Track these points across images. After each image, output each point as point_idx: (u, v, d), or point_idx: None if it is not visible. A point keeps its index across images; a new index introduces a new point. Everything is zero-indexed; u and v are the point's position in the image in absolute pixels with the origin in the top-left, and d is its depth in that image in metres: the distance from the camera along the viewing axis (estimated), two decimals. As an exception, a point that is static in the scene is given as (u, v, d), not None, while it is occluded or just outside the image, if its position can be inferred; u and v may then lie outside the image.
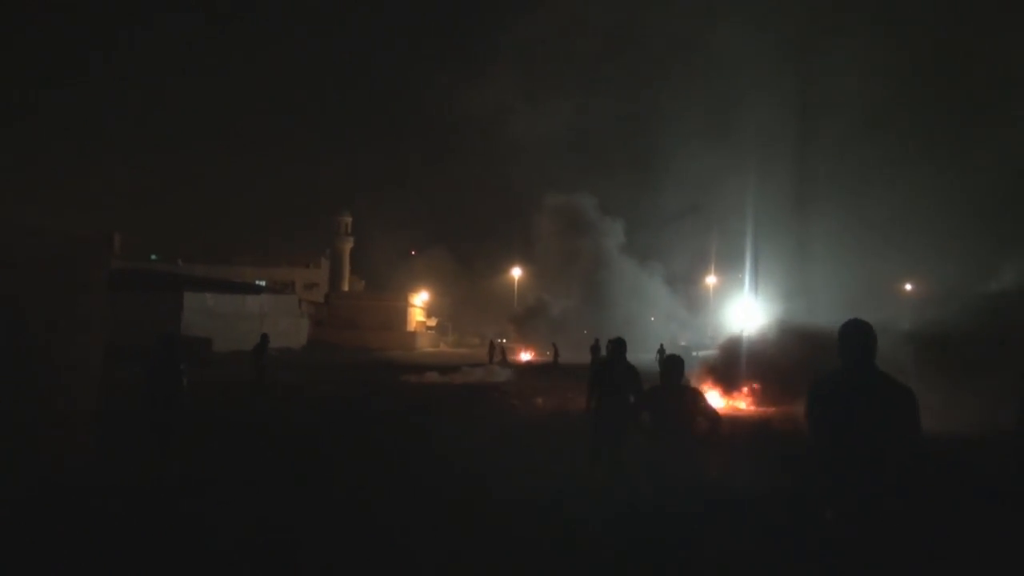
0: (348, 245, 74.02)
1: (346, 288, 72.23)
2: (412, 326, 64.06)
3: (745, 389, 17.42)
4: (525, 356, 44.87)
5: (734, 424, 14.10)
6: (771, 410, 16.03)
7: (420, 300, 69.36)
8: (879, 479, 3.28)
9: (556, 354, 37.33)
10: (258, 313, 47.01)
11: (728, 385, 17.72)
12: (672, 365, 5.29)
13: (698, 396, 5.38)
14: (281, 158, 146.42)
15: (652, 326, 54.11)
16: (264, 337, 16.58)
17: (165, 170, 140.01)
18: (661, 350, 30.20)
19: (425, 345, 62.05)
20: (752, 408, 16.80)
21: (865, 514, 3.27)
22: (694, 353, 52.29)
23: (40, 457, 6.68)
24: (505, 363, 35.59)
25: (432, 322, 71.91)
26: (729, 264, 63.57)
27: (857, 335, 3.51)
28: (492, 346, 40.08)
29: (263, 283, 61.28)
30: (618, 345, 7.39)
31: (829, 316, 19.75)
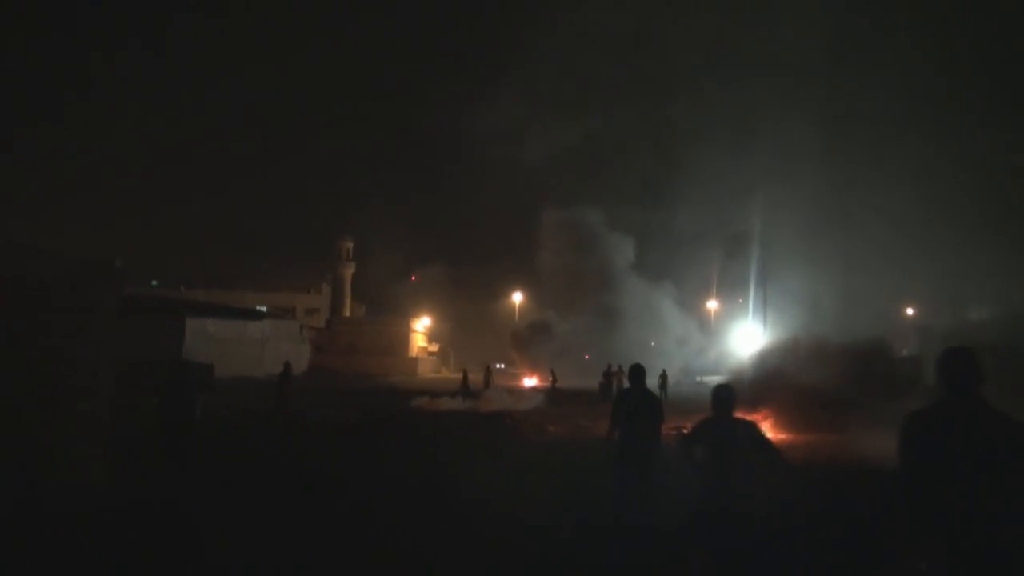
0: (349, 270, 73.94)
1: (347, 313, 72.02)
2: (414, 352, 63.79)
3: (765, 414, 17.15)
4: (529, 382, 44.18)
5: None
6: (801, 437, 15.71)
7: (422, 325, 69.12)
8: (985, 537, 2.87)
9: (554, 380, 36.92)
10: (259, 339, 46.87)
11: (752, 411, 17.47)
12: (726, 395, 5.01)
13: (755, 428, 5.05)
14: (281, 183, 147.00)
15: (652, 351, 51.67)
16: (288, 366, 16.45)
17: (164, 195, 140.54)
18: (663, 376, 29.85)
19: (426, 371, 61.71)
20: (782, 435, 16.47)
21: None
22: (698, 379, 51.84)
23: (52, 484, 6.47)
24: (482, 388, 34.24)
25: (434, 347, 71.63)
26: (733, 288, 62.55)
27: (962, 362, 3.14)
28: (488, 371, 39.18)
29: (264, 308, 61.12)
30: (636, 371, 7.15)
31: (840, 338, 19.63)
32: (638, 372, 7.13)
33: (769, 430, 17.03)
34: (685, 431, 6.24)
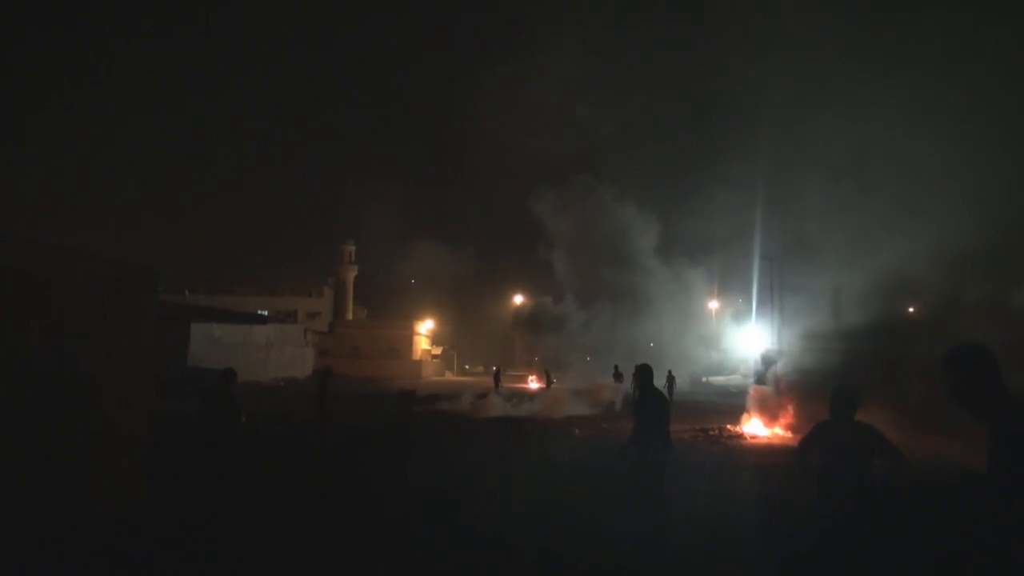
0: (352, 273, 73.69)
1: (350, 317, 71.76)
2: (417, 354, 63.59)
3: (786, 416, 16.98)
4: (535, 384, 43.75)
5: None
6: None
7: (425, 328, 68.92)
8: None
9: (549, 380, 36.36)
10: (264, 343, 46.67)
11: (769, 413, 17.29)
12: (850, 396, 4.69)
13: (875, 433, 4.64)
14: (282, 186, 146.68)
15: (652, 351, 48.29)
16: (327, 371, 16.10)
17: (164, 199, 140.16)
18: (670, 377, 29.48)
19: (430, 373, 61.48)
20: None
21: None
22: (704, 379, 51.44)
23: (89, 499, 6.24)
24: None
25: (437, 350, 71.41)
26: (737, 288, 61.58)
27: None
28: (497, 373, 38.47)
29: (265, 312, 60.85)
30: (642, 372, 6.85)
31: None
32: (643, 373, 6.84)
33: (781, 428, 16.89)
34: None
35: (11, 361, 5.49)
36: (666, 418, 6.54)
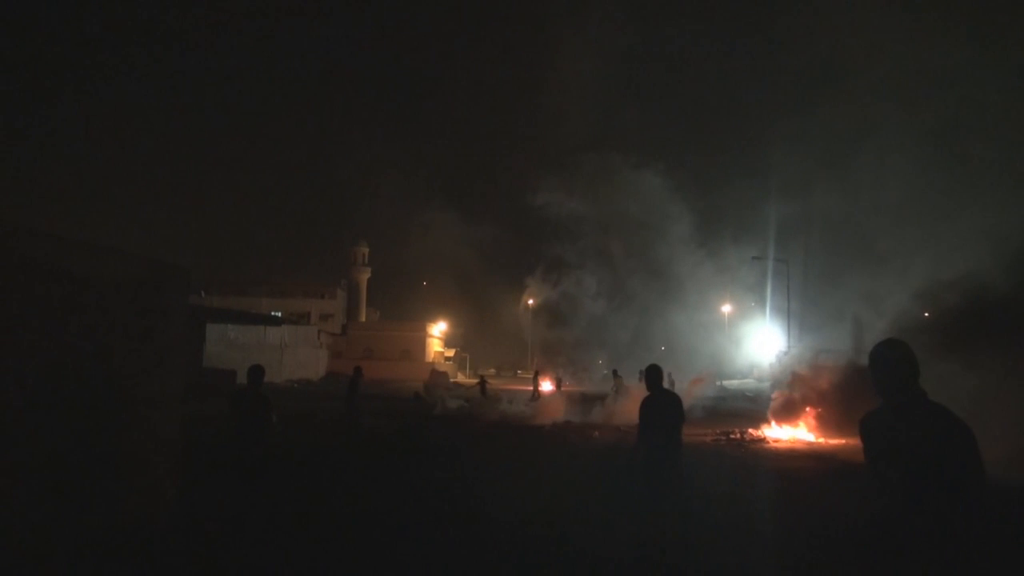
0: (365, 275, 73.83)
1: (363, 319, 71.87)
2: (430, 356, 63.56)
3: (808, 418, 16.77)
4: (547, 386, 42.87)
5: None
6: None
7: (438, 330, 68.92)
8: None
9: (559, 384, 35.24)
10: (278, 344, 46.81)
11: (790, 415, 17.08)
12: (900, 356, 4.38)
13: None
14: (295, 188, 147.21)
15: (664, 355, 45.63)
16: (358, 371, 16.01)
17: (177, 200, 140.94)
18: (669, 380, 29.05)
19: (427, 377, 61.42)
20: (828, 440, 16.04)
21: None
22: (718, 383, 50.99)
23: (121, 501, 6.18)
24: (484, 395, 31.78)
25: (450, 352, 71.37)
26: (744, 290, 60.56)
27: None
28: (536, 377, 35.50)
29: (279, 314, 61.07)
30: (650, 373, 6.59)
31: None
32: (652, 374, 6.59)
33: (810, 432, 16.64)
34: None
35: (47, 358, 5.43)
36: (681, 420, 6.30)
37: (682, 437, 6.33)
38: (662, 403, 6.33)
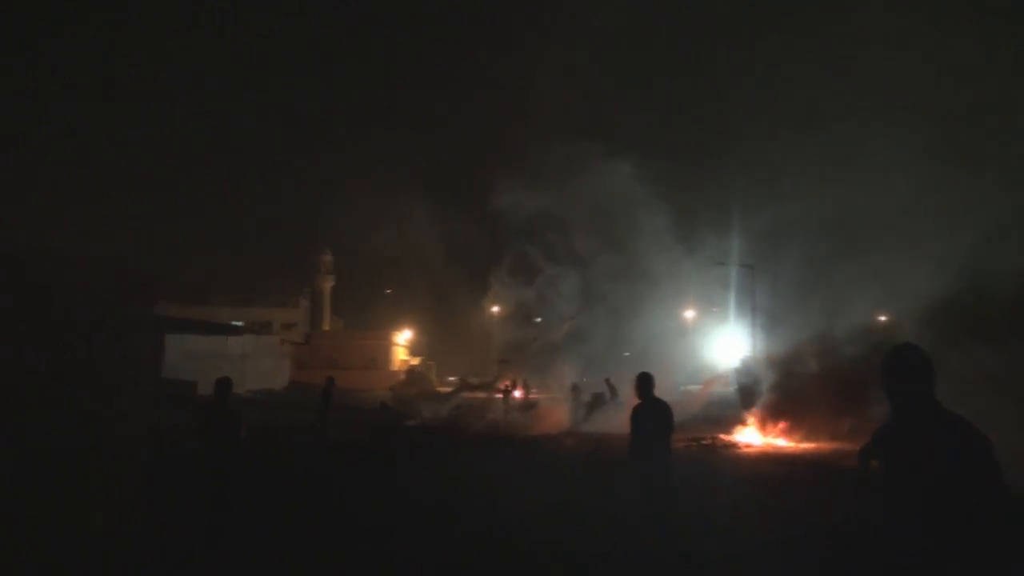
0: (329, 284, 72.88)
1: (326, 328, 70.95)
2: (396, 365, 63.03)
3: (781, 425, 16.90)
4: (518, 394, 42.28)
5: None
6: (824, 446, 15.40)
7: (403, 338, 68.38)
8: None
9: (513, 389, 34.20)
10: (240, 354, 45.93)
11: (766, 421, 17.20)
12: (917, 359, 4.36)
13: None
14: (256, 196, 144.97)
15: (628, 360, 44.15)
16: (331, 380, 15.69)
17: (134, 208, 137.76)
18: (609, 385, 28.70)
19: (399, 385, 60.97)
20: (799, 445, 16.17)
21: None
22: (681, 388, 51.16)
23: (88, 512, 5.88)
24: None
25: (416, 361, 70.81)
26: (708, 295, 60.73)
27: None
28: (509, 387, 34.72)
29: (240, 323, 59.95)
30: (641, 381, 6.58)
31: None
32: (643, 382, 6.58)
33: (781, 437, 16.78)
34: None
35: (8, 370, 5.14)
36: (670, 429, 6.26)
37: (672, 445, 6.27)
38: (653, 411, 6.28)
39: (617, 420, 17.56)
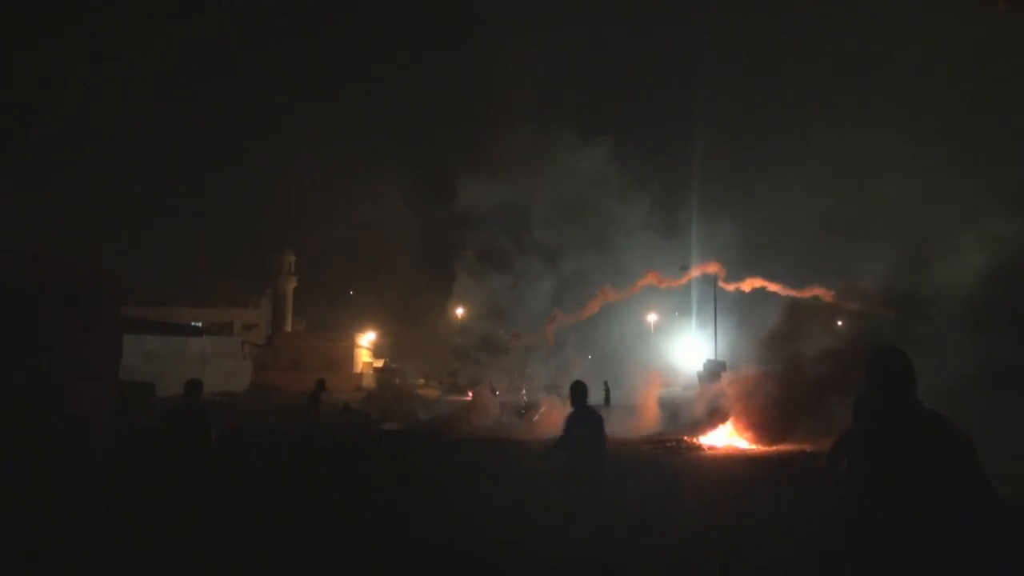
0: (291, 285, 71.89)
1: (288, 329, 70.00)
2: (359, 367, 62.46)
3: (743, 425, 17.17)
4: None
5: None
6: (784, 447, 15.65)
7: (367, 340, 67.81)
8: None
9: (493, 392, 34.05)
10: (200, 356, 45.06)
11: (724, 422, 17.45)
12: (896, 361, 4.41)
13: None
14: (216, 195, 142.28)
15: (591, 363, 42.29)
16: (320, 383, 15.19)
17: (91, 206, 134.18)
18: (606, 388, 28.76)
19: (372, 386, 60.44)
20: (761, 446, 16.42)
21: None
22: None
23: (47, 521, 5.72)
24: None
25: (379, 363, 70.26)
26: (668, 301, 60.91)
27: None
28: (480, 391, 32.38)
29: (200, 324, 58.90)
30: (573, 390, 6.68)
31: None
32: (576, 391, 6.68)
33: (743, 438, 17.04)
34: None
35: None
36: (601, 438, 6.43)
37: (605, 452, 6.43)
38: (587, 420, 6.41)
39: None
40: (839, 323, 23.29)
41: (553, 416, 23.92)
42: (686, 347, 53.79)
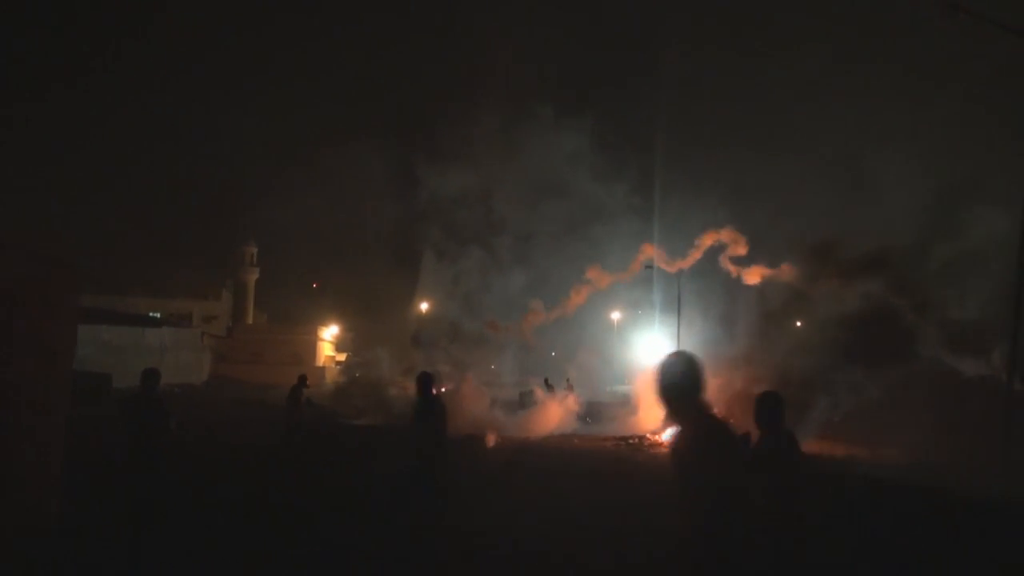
0: (253, 276, 70.92)
1: (250, 321, 69.08)
2: (321, 361, 61.94)
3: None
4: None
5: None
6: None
7: (329, 334, 67.23)
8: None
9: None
10: (158, 347, 44.29)
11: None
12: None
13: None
14: (177, 184, 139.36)
15: (556, 360, 41.10)
16: (302, 379, 14.59)
17: (45, 193, 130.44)
18: (567, 385, 29.02)
19: (338, 380, 59.99)
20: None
21: None
22: (608, 389, 52.06)
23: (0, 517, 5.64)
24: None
25: (341, 356, 69.72)
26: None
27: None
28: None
29: (158, 315, 57.84)
30: (421, 380, 7.52)
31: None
32: (425, 380, 7.50)
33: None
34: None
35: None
36: (443, 424, 7.24)
37: (444, 437, 7.23)
38: (427, 411, 7.31)
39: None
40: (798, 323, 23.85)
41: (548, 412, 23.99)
42: (649, 342, 54.32)
